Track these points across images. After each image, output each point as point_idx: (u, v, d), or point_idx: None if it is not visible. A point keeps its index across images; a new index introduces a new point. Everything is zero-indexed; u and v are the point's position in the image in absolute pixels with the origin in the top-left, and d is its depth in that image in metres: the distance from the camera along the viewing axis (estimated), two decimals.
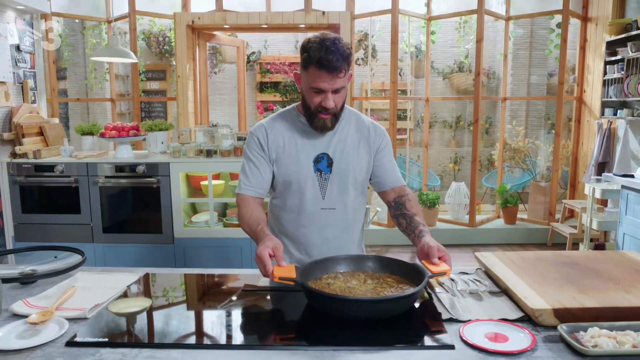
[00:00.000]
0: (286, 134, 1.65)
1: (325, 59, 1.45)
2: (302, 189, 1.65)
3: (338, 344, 1.12)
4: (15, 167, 3.28)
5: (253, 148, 1.65)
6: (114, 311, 1.32)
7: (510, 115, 6.52)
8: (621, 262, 1.55)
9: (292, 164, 1.64)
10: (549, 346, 1.12)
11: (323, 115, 1.57)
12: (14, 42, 3.35)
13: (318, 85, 1.51)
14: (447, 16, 4.89)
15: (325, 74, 1.48)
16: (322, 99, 1.53)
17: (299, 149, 1.64)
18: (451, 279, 1.54)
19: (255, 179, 1.64)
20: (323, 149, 1.65)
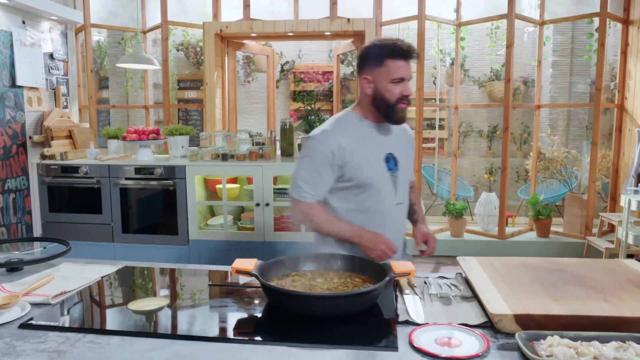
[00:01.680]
0: (354, 139, 1.68)
1: (400, 47, 1.60)
2: (380, 189, 1.71)
3: (291, 340, 1.10)
4: (44, 168, 3.46)
5: (321, 157, 1.66)
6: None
7: (550, 124, 6.24)
8: (615, 270, 1.44)
9: (368, 168, 1.69)
10: (502, 354, 1.04)
11: (402, 105, 1.66)
12: (47, 50, 3.55)
13: (400, 75, 1.62)
14: (477, 22, 4.76)
15: (403, 61, 1.61)
16: (402, 88, 1.63)
17: (370, 152, 1.70)
18: (425, 282, 1.48)
19: (322, 189, 1.69)
20: (388, 149, 1.74)
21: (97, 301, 1.39)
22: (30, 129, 3.52)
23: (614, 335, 1.06)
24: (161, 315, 1.29)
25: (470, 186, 6.65)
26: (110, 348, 1.08)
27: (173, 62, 6.66)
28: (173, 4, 5.26)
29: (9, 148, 3.35)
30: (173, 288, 1.54)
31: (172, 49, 6.71)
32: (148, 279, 1.60)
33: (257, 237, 3.35)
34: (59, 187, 3.50)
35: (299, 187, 1.69)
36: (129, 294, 1.46)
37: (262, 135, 3.62)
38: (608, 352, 1.00)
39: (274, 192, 3.36)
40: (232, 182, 3.62)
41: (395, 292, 1.41)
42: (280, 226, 3.38)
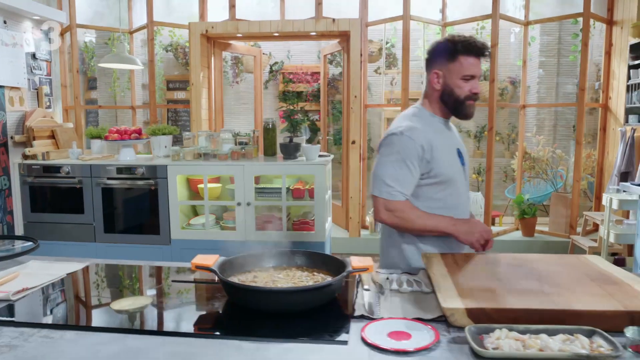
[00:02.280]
0: (432, 135, 1.67)
1: (473, 44, 1.61)
2: (458, 184, 1.73)
3: (245, 334, 1.10)
4: (26, 168, 3.45)
5: (411, 152, 1.62)
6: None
7: (538, 124, 6.27)
8: (575, 265, 1.45)
9: (448, 164, 1.69)
10: (452, 347, 1.05)
11: (470, 102, 1.67)
12: (30, 50, 3.54)
13: (471, 72, 1.62)
14: (462, 22, 4.78)
15: (475, 58, 1.62)
16: (471, 85, 1.64)
17: (446, 148, 1.70)
18: (387, 277, 1.49)
19: (410, 186, 1.65)
20: (457, 145, 1.77)
21: (58, 297, 1.39)
22: (12, 129, 3.51)
23: (562, 329, 1.07)
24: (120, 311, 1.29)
25: None
26: (63, 342, 1.08)
27: (162, 63, 6.66)
28: (160, 4, 5.27)
29: None
30: (138, 285, 1.54)
31: (160, 49, 6.72)
32: (115, 276, 1.60)
33: (239, 237, 3.35)
34: (40, 187, 3.49)
35: (388, 185, 1.62)
36: (93, 290, 1.46)
37: (248, 135, 3.62)
38: (554, 344, 1.01)
39: (256, 192, 3.36)
40: (214, 181, 3.62)
41: (357, 287, 1.41)
42: (262, 225, 3.38)
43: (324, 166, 3.25)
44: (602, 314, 1.11)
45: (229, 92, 7.09)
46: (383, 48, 5.57)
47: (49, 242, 3.51)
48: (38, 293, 1.39)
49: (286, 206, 3.35)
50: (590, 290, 1.23)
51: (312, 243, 3.28)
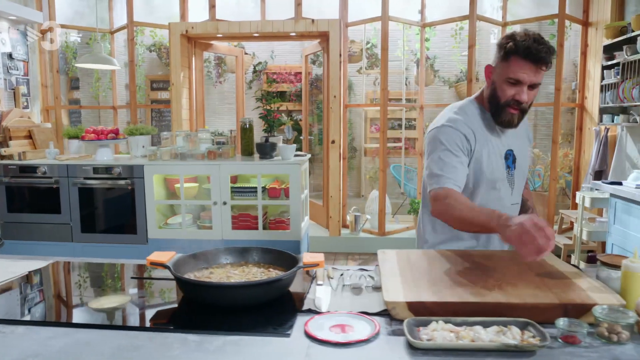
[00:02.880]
0: (478, 131, 1.60)
1: (534, 48, 1.45)
2: (498, 187, 1.63)
3: (193, 328, 1.13)
4: (2, 168, 3.44)
5: (455, 144, 1.55)
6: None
7: None
8: (528, 262, 1.48)
9: (489, 162, 1.61)
10: (390, 339, 1.09)
11: (512, 110, 1.53)
12: (6, 50, 3.54)
13: (517, 76, 1.48)
14: (440, 23, 4.84)
15: (530, 64, 1.46)
16: (516, 91, 1.51)
17: (492, 145, 1.61)
18: (342, 273, 1.52)
19: (458, 174, 1.53)
20: (509, 145, 1.65)
21: (16, 294, 1.41)
22: None
23: (497, 320, 1.11)
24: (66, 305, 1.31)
25: None
26: (14, 337, 1.10)
27: (144, 63, 6.66)
28: (140, 4, 5.28)
29: None
30: (98, 281, 1.56)
31: (144, 49, 6.71)
32: (77, 273, 1.62)
33: (216, 236, 3.38)
34: (17, 187, 3.49)
35: (435, 175, 1.53)
36: (51, 287, 1.49)
37: (225, 135, 3.64)
38: (485, 335, 1.06)
39: (232, 191, 3.39)
40: (192, 181, 3.64)
41: (312, 283, 1.45)
42: (238, 224, 3.41)
43: (299, 165, 3.29)
44: (536, 306, 1.15)
45: (213, 92, 7.11)
46: (363, 48, 5.61)
47: (26, 242, 3.52)
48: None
49: (262, 205, 3.38)
50: (531, 284, 1.28)
51: (287, 242, 3.31)
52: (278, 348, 1.04)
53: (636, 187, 3.25)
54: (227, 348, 1.04)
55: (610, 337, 1.06)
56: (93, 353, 1.02)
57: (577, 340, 1.05)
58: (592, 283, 1.28)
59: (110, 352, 1.03)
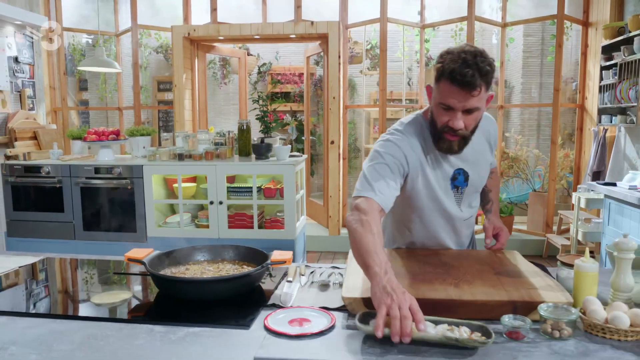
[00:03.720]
0: (421, 149, 1.51)
1: (459, 73, 1.31)
2: (440, 207, 1.57)
3: (163, 320, 1.21)
4: (8, 168, 3.57)
5: (397, 162, 1.47)
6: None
7: (523, 124, 6.35)
8: (489, 261, 1.54)
9: (431, 189, 1.53)
10: (344, 332, 1.15)
11: (450, 137, 1.43)
12: (12, 54, 3.67)
13: (446, 102, 1.36)
14: (439, 24, 4.87)
15: (457, 89, 1.33)
16: (450, 117, 1.39)
17: (436, 166, 1.52)
18: (313, 271, 1.59)
19: (391, 191, 1.43)
20: (459, 165, 1.55)
21: (3, 287, 1.49)
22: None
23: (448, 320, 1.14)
24: (48, 297, 1.40)
25: None
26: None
27: (151, 64, 6.79)
28: (145, 7, 5.39)
29: None
30: (83, 276, 1.65)
31: (151, 51, 6.84)
32: (65, 269, 1.71)
33: (212, 234, 3.46)
34: (22, 186, 3.61)
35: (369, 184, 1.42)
36: (37, 281, 1.57)
37: (224, 136, 3.73)
38: (430, 327, 1.11)
39: (228, 191, 3.47)
40: (191, 181, 3.73)
41: (282, 279, 1.52)
42: (235, 223, 3.49)
43: (293, 166, 3.35)
44: (486, 303, 1.20)
45: (219, 93, 7.21)
46: (364, 50, 5.66)
47: (31, 240, 3.64)
48: None
49: (258, 205, 3.46)
50: (487, 282, 1.33)
51: (281, 241, 3.39)
52: (235, 339, 1.11)
53: (629, 188, 3.26)
54: (187, 338, 1.11)
55: (553, 334, 1.11)
56: (64, 341, 1.10)
57: (520, 336, 1.11)
58: (547, 282, 1.33)
59: (80, 341, 1.10)
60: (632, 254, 1.27)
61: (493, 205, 1.76)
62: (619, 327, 1.10)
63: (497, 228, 1.69)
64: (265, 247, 3.46)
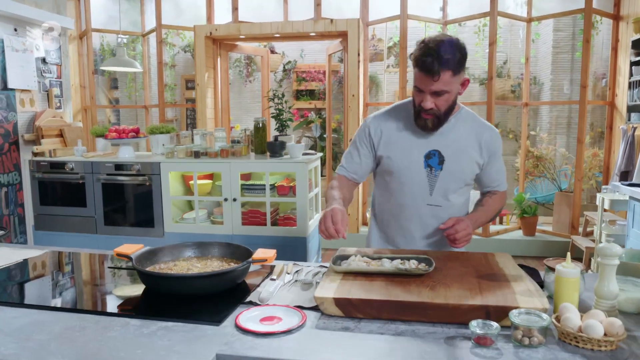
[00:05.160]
0: (400, 127, 1.69)
1: (421, 61, 1.49)
2: (411, 183, 1.68)
3: (143, 314, 1.25)
4: (35, 164, 3.73)
5: (362, 136, 1.75)
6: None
7: (550, 122, 6.16)
8: (476, 264, 1.51)
9: (404, 158, 1.67)
10: (312, 331, 1.16)
11: (424, 115, 1.59)
12: (40, 55, 3.83)
13: (417, 84, 1.56)
14: (462, 20, 4.78)
15: (423, 75, 1.51)
16: (422, 98, 1.56)
17: (412, 143, 1.67)
18: (297, 270, 1.60)
19: (354, 165, 1.76)
20: (435, 146, 1.66)
21: (5, 278, 1.58)
22: (23, 128, 3.82)
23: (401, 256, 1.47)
24: (43, 289, 1.47)
25: None
26: None
27: (179, 63, 6.95)
28: (169, 8, 5.51)
29: (0, 146, 3.66)
30: (80, 269, 1.72)
31: (179, 50, 7.00)
32: (64, 262, 1.79)
33: (226, 231, 3.52)
34: (48, 182, 3.77)
35: (341, 164, 1.80)
36: (35, 272, 1.65)
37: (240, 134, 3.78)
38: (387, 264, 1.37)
39: (243, 188, 3.52)
40: (208, 178, 3.80)
41: (266, 277, 1.54)
42: (248, 220, 3.54)
43: (305, 164, 3.37)
44: (458, 307, 1.19)
45: (244, 91, 7.32)
46: (385, 47, 5.61)
47: (56, 233, 3.79)
48: None
49: (272, 202, 3.49)
50: (465, 286, 1.31)
51: (294, 238, 3.41)
52: (204, 334, 1.14)
53: None
54: (159, 332, 1.15)
55: (523, 341, 1.09)
56: (44, 332, 1.16)
57: (488, 342, 1.09)
58: (528, 287, 1.29)
59: (58, 332, 1.16)
60: (616, 259, 1.23)
61: (475, 213, 1.76)
62: (592, 337, 1.06)
63: (455, 219, 1.64)
64: (278, 245, 3.49)
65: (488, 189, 1.81)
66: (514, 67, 6.46)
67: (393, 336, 1.13)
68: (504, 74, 6.49)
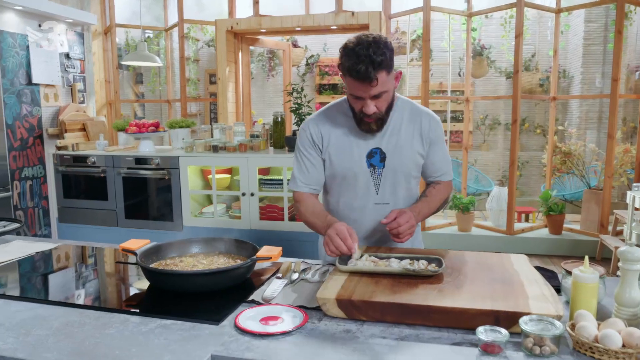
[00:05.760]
0: (338, 128, 1.64)
1: (355, 70, 1.42)
2: (356, 185, 1.65)
3: (147, 311, 1.24)
4: (59, 158, 3.81)
5: (305, 144, 1.66)
6: None
7: (581, 117, 5.95)
8: (490, 265, 1.44)
9: (346, 159, 1.63)
10: (312, 332, 1.13)
11: (367, 119, 1.54)
12: (63, 50, 3.89)
13: (355, 93, 1.49)
14: (487, 11, 4.63)
15: (359, 83, 1.44)
16: (361, 104, 1.50)
17: (352, 143, 1.63)
18: (305, 269, 1.56)
19: (311, 175, 1.67)
20: (376, 144, 1.62)
21: (15, 270, 1.59)
22: (47, 123, 3.89)
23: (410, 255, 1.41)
24: (50, 283, 1.47)
25: (496, 180, 6.48)
26: None
27: (203, 58, 6.98)
28: (192, 3, 5.53)
29: (25, 140, 3.74)
30: (91, 264, 1.73)
31: (203, 44, 7.04)
32: (77, 255, 1.80)
33: (244, 225, 3.52)
34: (71, 175, 3.84)
35: (293, 177, 1.69)
36: (43, 266, 1.66)
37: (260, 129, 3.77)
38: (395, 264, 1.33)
39: (260, 183, 3.50)
40: (227, 172, 3.81)
41: (272, 275, 1.51)
42: (266, 215, 3.53)
43: None
44: (466, 311, 1.13)
45: (267, 85, 7.31)
46: (408, 40, 5.50)
47: (79, 226, 3.87)
48: (6, 267, 1.60)
49: (289, 197, 3.47)
50: (476, 289, 1.25)
51: (311, 234, 3.36)
52: (201, 333, 1.12)
53: None
54: (156, 330, 1.13)
55: (533, 350, 1.03)
56: (44, 326, 1.16)
57: (496, 350, 1.03)
58: (543, 292, 1.22)
59: (58, 327, 1.16)
60: (639, 265, 1.15)
61: (417, 205, 1.64)
62: (608, 347, 0.99)
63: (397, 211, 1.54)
64: (294, 240, 3.46)
65: (431, 178, 1.73)
66: (542, 60, 6.26)
67: (395, 341, 1.08)
68: (532, 67, 6.29)
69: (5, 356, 1.02)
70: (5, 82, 3.53)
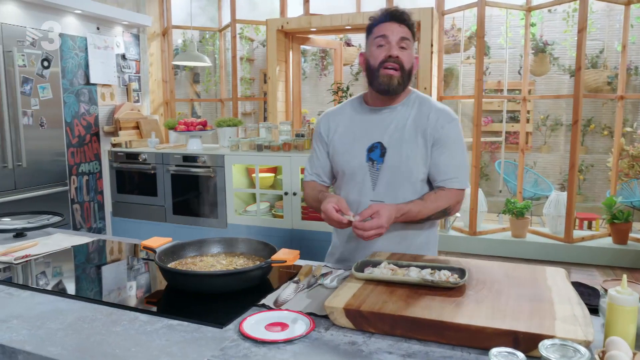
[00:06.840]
0: (346, 122, 1.66)
1: (386, 11, 1.54)
2: (354, 179, 1.63)
3: (157, 310, 1.25)
4: (113, 155, 3.99)
5: (316, 136, 1.74)
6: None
7: None
8: (521, 278, 1.33)
9: (346, 152, 1.64)
10: (316, 342, 1.08)
11: (388, 70, 1.49)
12: (120, 52, 4.07)
13: (380, 32, 1.51)
14: (547, 5, 4.36)
15: (389, 23, 1.51)
16: (386, 50, 1.50)
17: (356, 137, 1.62)
18: (324, 273, 1.51)
19: (316, 167, 1.74)
20: (378, 137, 1.58)
21: (50, 264, 1.66)
22: (103, 121, 4.10)
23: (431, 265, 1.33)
24: (78, 277, 1.52)
25: (556, 184, 6.11)
26: (17, 298, 1.33)
27: (258, 58, 7.09)
28: (245, 3, 5.62)
29: (82, 137, 3.95)
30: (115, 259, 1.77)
31: (258, 44, 7.15)
32: (110, 250, 1.86)
33: (286, 225, 3.52)
34: (125, 171, 4.01)
35: (306, 168, 1.78)
36: (76, 259, 1.72)
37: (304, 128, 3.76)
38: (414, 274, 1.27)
39: (302, 182, 3.49)
40: (271, 171, 3.83)
41: (289, 279, 1.47)
42: (308, 215, 3.51)
43: None
44: (482, 330, 1.04)
45: (320, 84, 7.31)
46: (462, 36, 5.29)
47: (131, 220, 4.03)
48: (42, 259, 1.67)
49: None
50: (499, 305, 1.14)
51: None
52: (203, 336, 1.10)
53: None
54: (161, 330, 1.13)
55: None
56: (58, 320, 1.19)
57: None
58: (574, 312, 1.10)
59: (70, 321, 1.18)
60: None
61: (407, 204, 1.51)
62: None
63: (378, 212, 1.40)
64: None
65: (436, 183, 1.58)
66: (611, 56, 5.82)
67: (402, 357, 1.02)
68: (600, 64, 5.86)
69: (14, 347, 1.05)
70: (65, 83, 3.75)
